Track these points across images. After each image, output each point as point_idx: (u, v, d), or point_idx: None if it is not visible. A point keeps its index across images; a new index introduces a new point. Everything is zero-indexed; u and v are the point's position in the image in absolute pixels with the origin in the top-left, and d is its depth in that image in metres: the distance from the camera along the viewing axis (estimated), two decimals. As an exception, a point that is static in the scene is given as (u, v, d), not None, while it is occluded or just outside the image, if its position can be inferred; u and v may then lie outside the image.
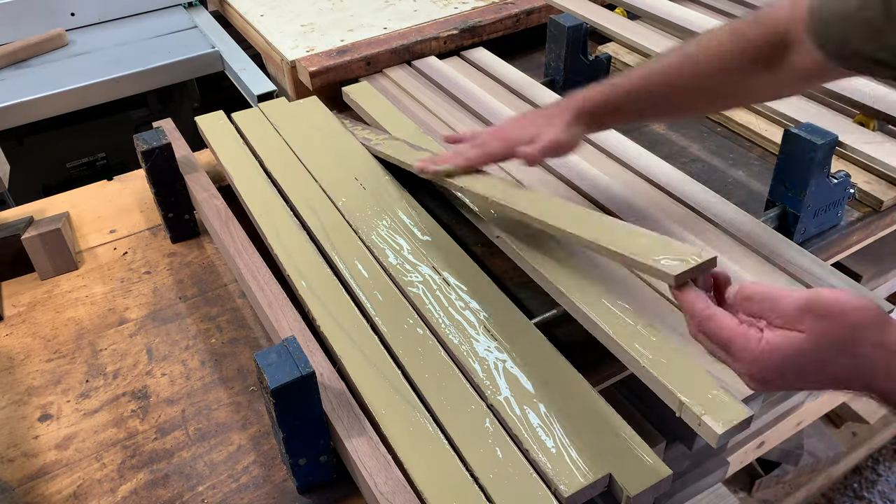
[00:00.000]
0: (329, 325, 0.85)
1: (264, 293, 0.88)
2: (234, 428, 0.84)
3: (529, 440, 0.71)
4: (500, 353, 0.80)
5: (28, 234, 1.04)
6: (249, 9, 1.66)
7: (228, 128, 1.23)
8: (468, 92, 1.31)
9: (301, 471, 0.74)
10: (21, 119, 1.49)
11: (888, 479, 1.97)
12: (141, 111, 1.78)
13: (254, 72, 1.54)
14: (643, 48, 1.33)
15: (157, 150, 1.03)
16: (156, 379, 0.90)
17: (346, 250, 0.95)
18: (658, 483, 0.67)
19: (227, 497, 0.77)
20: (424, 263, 0.93)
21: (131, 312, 1.00)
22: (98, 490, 0.78)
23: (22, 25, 1.66)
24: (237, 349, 0.94)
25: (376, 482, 0.67)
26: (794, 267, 0.91)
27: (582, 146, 1.15)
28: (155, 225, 1.16)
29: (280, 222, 1.01)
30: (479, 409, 0.75)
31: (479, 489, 0.68)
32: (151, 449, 0.82)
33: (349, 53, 1.39)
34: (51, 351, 0.95)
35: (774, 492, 1.85)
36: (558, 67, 1.36)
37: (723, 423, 0.68)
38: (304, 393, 0.68)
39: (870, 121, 1.14)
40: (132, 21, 1.79)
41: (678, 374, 0.75)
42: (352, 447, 0.71)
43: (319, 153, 1.15)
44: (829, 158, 0.96)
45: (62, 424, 0.85)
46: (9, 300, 1.04)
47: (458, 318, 0.85)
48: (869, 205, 1.08)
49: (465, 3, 1.59)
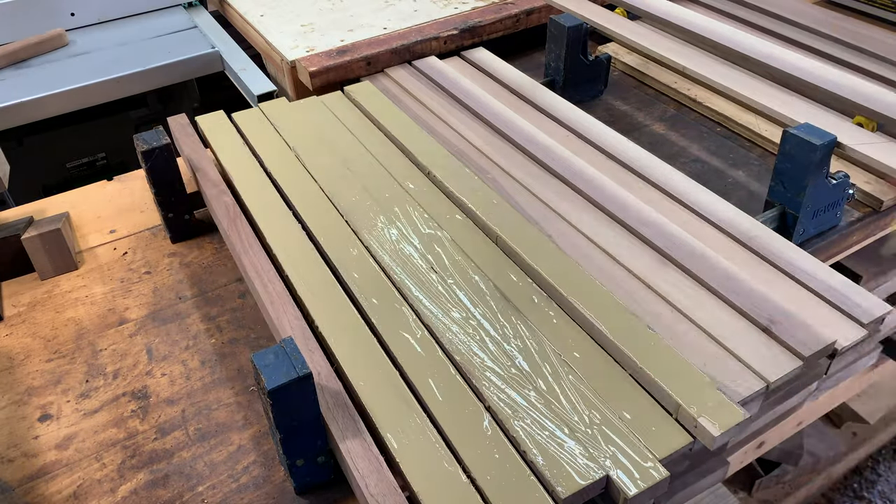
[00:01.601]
0: (327, 324, 0.85)
1: (267, 291, 0.89)
2: (234, 428, 0.84)
3: (527, 441, 0.71)
4: (498, 355, 0.80)
5: (28, 234, 1.04)
6: (249, 9, 1.66)
7: (229, 128, 1.23)
8: (469, 92, 1.31)
9: (298, 471, 0.74)
10: (21, 119, 1.49)
11: (888, 479, 1.97)
12: (141, 111, 1.78)
13: (254, 72, 1.54)
14: (643, 48, 1.33)
15: (157, 150, 1.03)
16: (156, 379, 0.90)
17: (344, 250, 0.96)
18: (655, 485, 0.67)
19: (227, 497, 0.77)
20: (423, 263, 0.93)
21: (131, 312, 1.00)
22: (98, 490, 0.78)
23: (22, 25, 1.66)
24: (237, 349, 0.94)
25: (367, 484, 0.68)
26: (793, 267, 0.91)
27: (582, 146, 1.16)
28: (155, 225, 1.16)
29: (280, 222, 1.01)
30: (476, 410, 0.75)
31: (477, 491, 0.68)
32: (151, 449, 0.82)
33: (349, 53, 1.39)
34: (51, 351, 0.95)
35: (774, 492, 1.85)
36: (558, 67, 1.36)
37: (720, 426, 0.68)
38: (302, 394, 0.68)
39: (869, 121, 1.13)
40: (132, 21, 1.80)
41: (675, 377, 0.75)
42: (345, 448, 0.71)
43: (319, 153, 1.15)
44: (827, 159, 0.96)
45: (62, 424, 0.86)
46: (9, 300, 1.04)
47: (458, 319, 0.85)
48: (869, 205, 1.08)
49: (465, 3, 1.59)
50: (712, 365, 0.79)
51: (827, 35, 1.42)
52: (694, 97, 1.34)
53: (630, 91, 1.42)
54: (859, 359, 1.25)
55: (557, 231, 0.98)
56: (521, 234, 0.96)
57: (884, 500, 1.93)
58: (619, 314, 0.83)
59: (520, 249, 0.93)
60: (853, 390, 1.60)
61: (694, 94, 1.35)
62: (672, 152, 1.23)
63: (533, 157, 1.13)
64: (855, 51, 1.37)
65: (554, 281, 0.88)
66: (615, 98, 1.40)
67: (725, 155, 1.22)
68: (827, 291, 0.87)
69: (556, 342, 0.82)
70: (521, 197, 1.05)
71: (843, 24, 1.45)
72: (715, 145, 1.24)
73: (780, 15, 1.49)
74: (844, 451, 1.89)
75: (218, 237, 1.13)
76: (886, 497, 1.93)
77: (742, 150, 1.23)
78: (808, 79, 1.13)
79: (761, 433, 1.29)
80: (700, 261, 0.91)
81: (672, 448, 0.71)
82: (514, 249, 0.94)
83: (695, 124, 1.30)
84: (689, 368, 0.77)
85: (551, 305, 0.87)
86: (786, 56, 1.18)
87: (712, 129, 1.28)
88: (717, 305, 0.86)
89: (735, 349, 0.80)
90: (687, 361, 0.78)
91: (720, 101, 1.32)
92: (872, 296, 0.87)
